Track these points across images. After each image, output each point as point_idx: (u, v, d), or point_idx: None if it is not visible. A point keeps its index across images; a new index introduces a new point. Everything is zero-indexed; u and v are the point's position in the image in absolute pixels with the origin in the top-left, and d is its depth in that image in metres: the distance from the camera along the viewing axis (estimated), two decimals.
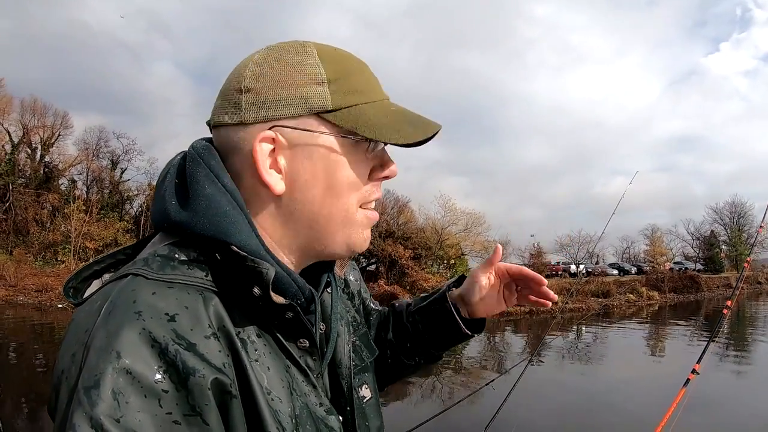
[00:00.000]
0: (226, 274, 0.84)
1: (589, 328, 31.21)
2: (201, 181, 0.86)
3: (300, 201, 0.90)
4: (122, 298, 0.76)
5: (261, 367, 0.83)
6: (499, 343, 27.52)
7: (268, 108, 0.87)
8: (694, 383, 4.40)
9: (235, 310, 0.84)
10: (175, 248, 0.85)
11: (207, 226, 0.83)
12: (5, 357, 19.20)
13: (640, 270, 54.73)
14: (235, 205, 0.86)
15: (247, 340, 0.84)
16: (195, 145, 0.92)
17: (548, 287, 1.32)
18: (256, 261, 0.82)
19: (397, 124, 0.91)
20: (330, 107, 0.88)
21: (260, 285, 0.83)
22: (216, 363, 0.75)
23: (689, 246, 65.35)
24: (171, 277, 0.80)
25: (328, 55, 0.91)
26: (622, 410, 12.86)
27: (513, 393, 4.56)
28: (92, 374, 0.68)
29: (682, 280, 48.83)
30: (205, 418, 0.71)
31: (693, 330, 28.66)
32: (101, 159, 50.12)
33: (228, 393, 0.75)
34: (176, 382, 0.70)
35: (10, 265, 36.43)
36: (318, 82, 0.88)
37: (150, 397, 0.68)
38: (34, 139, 47.41)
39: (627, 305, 41.97)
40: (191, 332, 0.75)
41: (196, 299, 0.79)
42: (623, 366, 19.82)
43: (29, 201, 43.29)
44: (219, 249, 0.83)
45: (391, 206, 45.79)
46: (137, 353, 0.70)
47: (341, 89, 0.89)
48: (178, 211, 0.86)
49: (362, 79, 0.94)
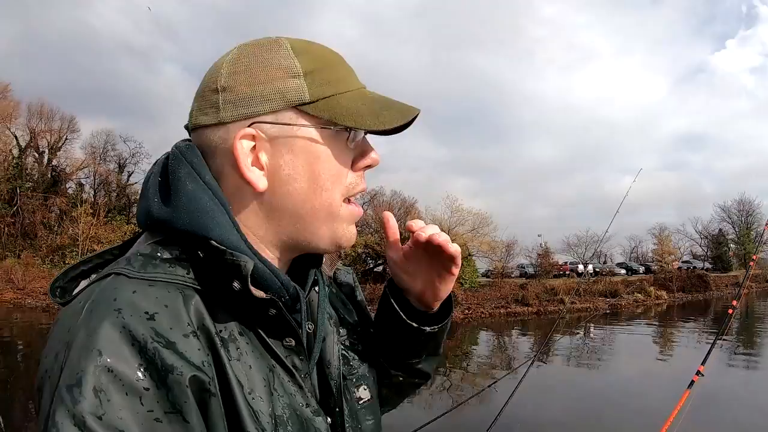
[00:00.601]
0: (207, 272, 0.84)
1: (596, 328, 31.17)
2: (182, 178, 0.86)
3: (283, 195, 0.90)
4: (103, 296, 0.77)
5: (242, 365, 0.83)
6: (507, 344, 27.50)
7: (245, 105, 0.87)
8: (699, 385, 4.37)
9: (217, 308, 0.84)
10: (157, 246, 0.86)
11: (187, 221, 0.83)
12: (14, 359, 19.30)
13: (648, 269, 54.62)
14: (217, 201, 0.86)
15: (228, 339, 0.83)
16: (178, 145, 0.92)
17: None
18: (234, 254, 0.82)
19: (376, 111, 0.91)
20: (308, 99, 0.88)
21: (239, 279, 0.82)
22: (195, 361, 0.75)
23: (697, 245, 65.17)
24: (152, 276, 0.80)
25: (302, 48, 0.91)
26: (628, 411, 12.84)
27: (519, 393, 4.55)
28: (74, 372, 0.68)
29: (691, 279, 48.65)
30: (186, 416, 0.72)
31: (701, 330, 28.51)
32: (108, 162, 50.51)
33: (207, 391, 0.75)
34: (156, 380, 0.71)
35: (18, 269, 36.59)
36: (294, 75, 0.88)
37: (131, 395, 0.69)
38: (42, 143, 47.73)
39: (635, 305, 41.88)
40: (170, 331, 0.75)
41: (176, 297, 0.79)
42: (630, 366, 19.79)
43: (37, 205, 43.50)
44: (200, 245, 0.83)
45: (398, 207, 45.83)
46: (118, 351, 0.70)
47: (317, 81, 0.89)
48: (160, 208, 0.86)
49: (338, 70, 0.93)
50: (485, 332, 31.71)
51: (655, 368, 19.17)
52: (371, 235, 42.14)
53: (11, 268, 36.86)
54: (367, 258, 42.30)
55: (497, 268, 44.81)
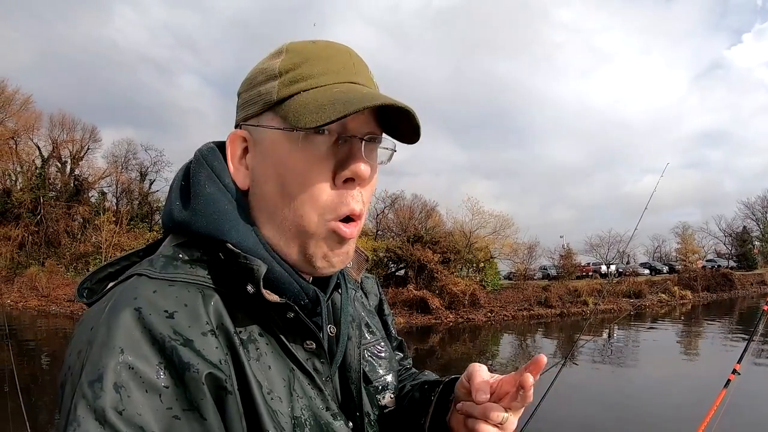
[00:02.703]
0: (227, 274, 0.85)
1: (621, 329, 30.92)
2: (202, 181, 0.89)
3: (259, 197, 0.91)
4: (125, 296, 0.79)
5: (261, 366, 0.84)
6: (531, 346, 27.35)
7: (243, 109, 0.93)
8: (735, 384, 4.29)
9: (237, 309, 0.85)
10: (179, 248, 0.88)
11: (205, 224, 0.86)
12: (38, 365, 19.52)
13: (672, 269, 53.87)
14: (235, 204, 0.89)
15: (248, 340, 0.84)
16: (201, 149, 0.96)
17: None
18: (248, 258, 0.83)
19: (324, 106, 0.83)
20: (274, 99, 0.88)
21: (252, 282, 0.83)
22: (212, 359, 0.76)
23: (721, 243, 64.04)
24: (173, 276, 0.82)
25: (294, 48, 0.91)
26: (658, 413, 12.74)
27: (548, 395, 4.48)
28: (95, 368, 0.70)
29: (715, 278, 48.27)
30: (203, 413, 0.73)
31: (728, 329, 28.20)
32: (130, 171, 50.88)
33: (224, 389, 0.76)
34: (175, 378, 0.72)
35: (42, 276, 37.04)
36: (272, 77, 0.89)
37: (151, 392, 0.70)
38: (64, 153, 48.22)
39: (659, 305, 41.60)
40: (188, 329, 0.76)
41: (195, 297, 0.81)
42: (658, 367, 19.62)
43: (60, 213, 43.93)
44: (219, 247, 0.85)
45: (419, 211, 45.81)
46: (138, 349, 0.72)
47: (288, 79, 0.88)
48: (180, 211, 0.89)
49: (320, 64, 0.89)
50: (508, 335, 31.60)
51: (684, 369, 19.02)
52: (393, 239, 42.15)
53: (35, 276, 37.34)
54: (389, 262, 42.23)
55: (519, 270, 44.60)
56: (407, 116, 0.88)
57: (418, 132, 0.91)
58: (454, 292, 36.22)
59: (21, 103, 46.42)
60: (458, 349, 26.91)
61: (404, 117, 0.88)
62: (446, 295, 36.44)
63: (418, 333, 31.33)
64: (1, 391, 10.19)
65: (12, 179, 45.92)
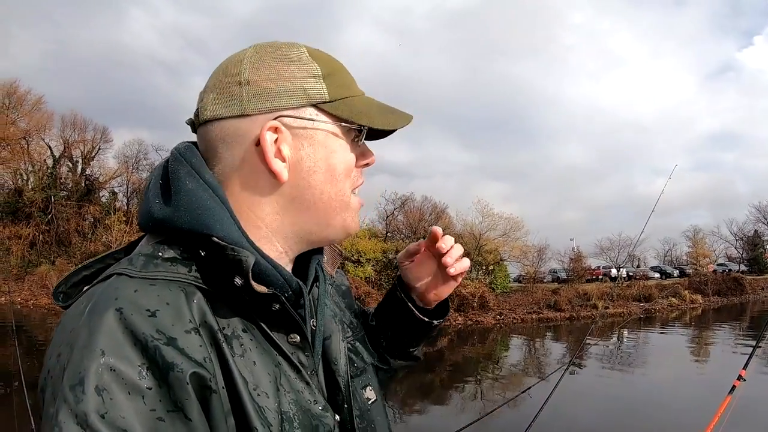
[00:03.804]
0: (209, 269, 0.86)
1: (630, 333, 30.82)
2: (182, 178, 0.89)
3: (303, 187, 0.94)
4: (105, 296, 0.78)
5: (246, 362, 0.84)
6: (539, 350, 27.30)
7: (270, 99, 0.91)
8: (741, 390, 4.25)
9: (220, 306, 0.85)
10: (159, 246, 0.88)
11: (188, 220, 0.86)
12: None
13: (683, 273, 53.72)
14: (217, 199, 0.89)
15: (232, 335, 0.85)
16: (177, 146, 0.96)
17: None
18: (236, 250, 0.84)
19: (382, 114, 1.00)
20: (327, 98, 0.94)
21: (241, 274, 0.84)
22: (196, 357, 0.76)
23: (732, 247, 63.72)
24: (153, 275, 0.82)
25: (317, 54, 0.97)
26: (664, 418, 12.68)
27: (552, 400, 4.46)
28: (76, 372, 0.69)
29: (726, 282, 47.92)
30: (187, 413, 0.73)
31: (738, 334, 28.03)
32: (141, 171, 50.89)
33: (208, 387, 0.76)
34: (158, 379, 0.72)
35: (52, 275, 37.13)
36: (315, 76, 0.94)
37: (134, 394, 0.70)
38: (75, 153, 48.44)
39: (669, 309, 41.38)
40: (171, 327, 0.76)
41: (177, 295, 0.81)
42: (666, 372, 19.54)
43: (71, 213, 44.13)
44: (201, 242, 0.85)
45: (428, 212, 45.87)
46: (120, 351, 0.71)
47: (335, 83, 0.96)
48: (161, 208, 0.89)
49: (347, 76, 1.01)
50: (517, 338, 31.54)
51: (692, 374, 18.93)
52: (402, 241, 42.13)
53: (46, 275, 37.49)
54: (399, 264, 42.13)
55: (529, 272, 44.54)
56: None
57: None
58: (463, 295, 36.10)
59: (33, 103, 46.73)
60: (467, 352, 26.89)
61: None
62: (455, 297, 36.30)
63: None
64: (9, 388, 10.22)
65: (23, 179, 46.12)
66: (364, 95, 1.02)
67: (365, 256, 38.58)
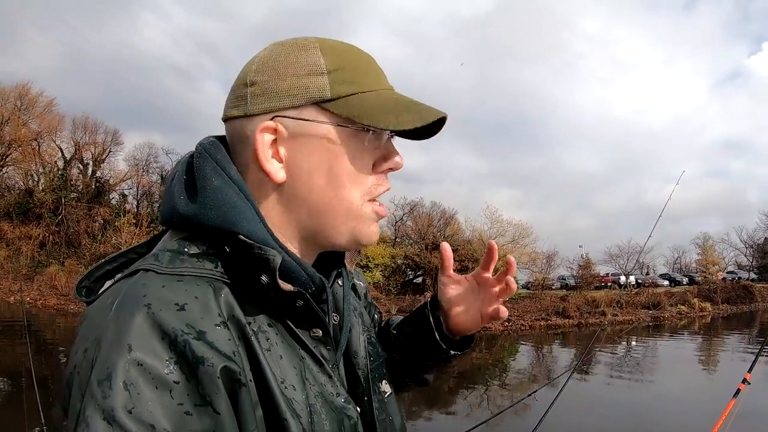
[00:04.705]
0: (235, 265, 0.86)
1: (639, 340, 30.68)
2: (208, 174, 0.89)
3: (300, 190, 0.92)
4: (132, 292, 0.78)
5: (273, 356, 0.85)
6: (547, 356, 27.21)
7: (270, 99, 0.90)
8: (746, 393, 4.25)
9: (245, 301, 0.86)
10: (184, 242, 0.88)
11: (215, 217, 0.86)
12: (56, 363, 19.68)
13: (692, 280, 53.23)
14: (242, 196, 0.88)
15: (259, 330, 0.86)
16: (202, 142, 0.95)
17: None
18: (263, 248, 0.84)
19: (396, 111, 0.91)
20: (329, 96, 0.89)
21: (267, 272, 0.84)
22: (225, 351, 0.76)
23: (742, 254, 63.09)
24: (180, 270, 0.82)
25: (331, 48, 0.93)
26: (670, 423, 12.66)
27: (560, 406, 4.46)
28: (104, 367, 0.69)
29: (736, 290, 47.53)
30: (216, 407, 0.73)
31: (747, 342, 27.85)
32: (151, 174, 51.13)
33: (237, 381, 0.77)
34: (186, 373, 0.72)
35: (62, 276, 37.29)
36: (318, 72, 0.90)
37: (161, 388, 0.70)
38: (86, 155, 48.68)
39: (678, 317, 41.07)
40: (201, 321, 0.76)
41: (205, 290, 0.81)
42: (673, 379, 19.43)
43: (81, 214, 44.27)
44: (227, 240, 0.85)
45: (437, 218, 45.79)
46: (148, 345, 0.71)
47: (340, 79, 0.90)
48: (187, 205, 0.88)
49: (364, 69, 0.95)
50: (525, 345, 31.42)
51: (699, 381, 18.84)
52: (411, 247, 42.13)
53: (55, 275, 37.61)
54: (407, 269, 42.22)
55: (538, 279, 44.26)
56: (437, 122, 0.96)
57: (436, 133, 1.01)
58: None
59: (44, 105, 47.07)
60: (474, 358, 26.82)
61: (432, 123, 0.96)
62: None
63: None
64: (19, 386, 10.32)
65: (34, 180, 46.42)
66: (384, 90, 0.96)
67: (373, 261, 38.57)
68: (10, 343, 19.46)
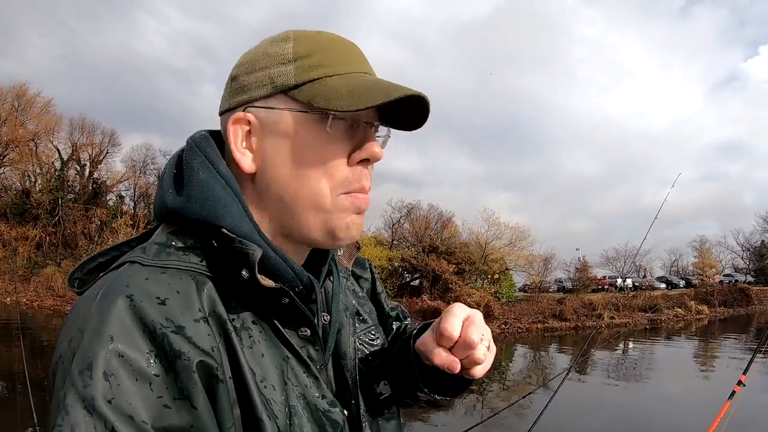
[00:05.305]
0: (220, 260, 0.86)
1: (635, 343, 30.72)
2: (195, 168, 0.89)
3: (269, 180, 0.91)
4: (116, 283, 0.79)
5: (254, 354, 0.84)
6: (544, 359, 27.24)
7: (244, 92, 0.91)
8: (741, 395, 4.26)
9: (230, 297, 0.85)
10: (172, 236, 0.88)
11: (199, 210, 0.86)
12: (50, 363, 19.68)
13: (689, 283, 53.35)
14: (229, 190, 0.88)
15: (241, 327, 0.85)
16: (193, 136, 0.96)
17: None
18: (243, 242, 0.84)
19: (357, 92, 0.86)
20: (292, 83, 0.88)
21: (247, 267, 0.83)
22: (203, 346, 0.76)
23: (739, 257, 63.29)
24: (165, 263, 0.83)
25: (304, 37, 0.92)
26: (665, 425, 12.66)
27: (556, 407, 4.48)
28: (85, 357, 0.70)
29: (732, 293, 47.73)
30: (193, 402, 0.73)
31: (743, 345, 27.90)
32: (148, 176, 51.03)
33: (215, 377, 0.76)
34: (165, 366, 0.72)
35: (58, 277, 37.22)
36: (284, 61, 0.89)
37: (141, 380, 0.70)
38: (83, 156, 48.58)
39: (675, 320, 41.17)
40: (181, 316, 0.76)
41: (188, 284, 0.81)
42: (669, 382, 19.50)
43: (78, 215, 44.22)
44: (212, 233, 0.85)
45: (434, 221, 45.85)
46: (129, 337, 0.72)
47: (306, 64, 0.89)
48: (174, 198, 0.89)
49: (335, 54, 0.92)
50: (522, 347, 31.45)
51: (696, 384, 18.89)
52: (408, 249, 42.12)
53: (52, 276, 37.56)
54: (404, 272, 42.17)
55: (534, 282, 44.40)
56: (418, 106, 0.92)
57: (423, 121, 0.96)
58: (469, 304, 35.81)
59: (42, 106, 47.02)
60: None
61: (412, 107, 0.93)
62: None
63: None
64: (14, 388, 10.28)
65: (31, 180, 46.37)
66: (354, 74, 0.91)
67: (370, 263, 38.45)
68: (5, 344, 19.40)
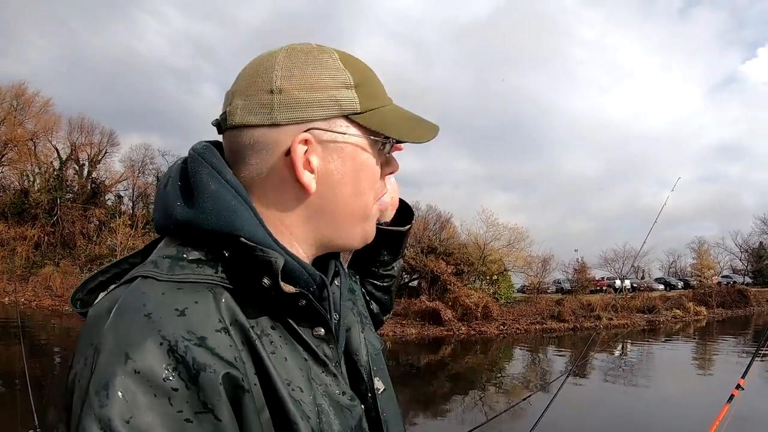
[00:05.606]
0: (235, 269, 0.86)
1: (634, 344, 30.75)
2: (204, 179, 0.88)
3: (329, 199, 0.93)
4: (131, 299, 0.78)
5: (278, 358, 0.85)
6: (543, 361, 27.24)
7: (301, 109, 0.89)
8: (739, 399, 4.26)
9: (247, 305, 0.85)
10: (183, 248, 0.87)
11: (214, 221, 0.85)
12: (50, 362, 19.65)
13: (687, 284, 53.31)
14: (240, 199, 0.88)
15: (262, 334, 0.85)
16: (195, 147, 0.95)
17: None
18: (265, 251, 0.84)
19: (412, 126, 1.01)
20: (359, 110, 0.92)
21: (270, 275, 0.84)
22: (227, 357, 0.76)
23: (737, 259, 63.04)
24: (180, 277, 0.82)
25: (349, 62, 0.95)
26: (666, 428, 12.66)
27: (555, 409, 4.47)
28: (102, 376, 0.69)
29: (731, 294, 47.70)
30: (217, 414, 0.72)
31: (742, 346, 27.91)
32: (147, 176, 51.04)
33: (240, 387, 0.76)
34: (186, 380, 0.71)
35: (56, 276, 37.22)
36: (347, 86, 0.92)
37: (160, 396, 0.69)
38: (82, 156, 48.52)
39: (673, 321, 41.20)
40: (201, 327, 0.76)
41: (206, 296, 0.81)
42: (668, 384, 19.53)
43: (76, 215, 44.16)
44: (227, 243, 0.85)
45: (433, 222, 45.75)
46: (146, 353, 0.71)
47: (366, 93, 0.94)
48: (184, 210, 0.88)
49: (378, 85, 1.00)
50: (520, 348, 31.47)
51: (694, 385, 18.90)
52: (406, 250, 42.00)
53: (50, 276, 37.53)
54: (402, 272, 41.98)
55: (533, 283, 44.46)
56: None
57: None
58: (467, 304, 36.01)
59: (41, 105, 46.98)
60: (470, 361, 26.85)
61: None
62: (459, 307, 36.21)
63: (429, 344, 31.29)
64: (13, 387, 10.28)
65: (30, 180, 46.32)
66: (392, 104, 1.01)
67: None
68: (4, 344, 19.40)
